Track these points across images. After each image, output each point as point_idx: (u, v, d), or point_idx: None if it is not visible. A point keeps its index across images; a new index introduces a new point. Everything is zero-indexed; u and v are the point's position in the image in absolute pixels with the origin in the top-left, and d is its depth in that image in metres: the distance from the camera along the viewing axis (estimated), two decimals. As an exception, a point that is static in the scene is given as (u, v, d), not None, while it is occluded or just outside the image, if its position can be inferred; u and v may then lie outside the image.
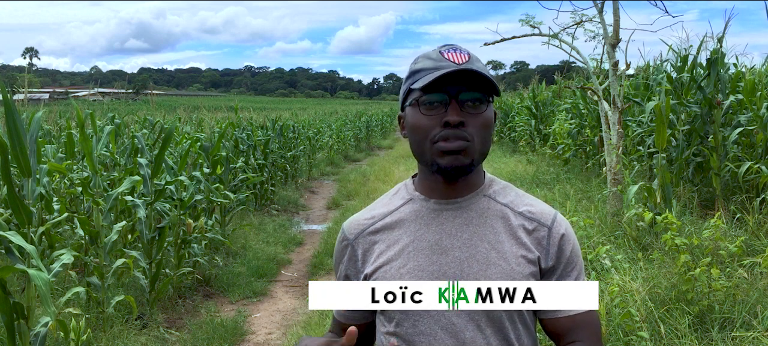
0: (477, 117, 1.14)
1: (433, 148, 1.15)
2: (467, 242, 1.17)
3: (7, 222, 4.05)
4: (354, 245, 1.25)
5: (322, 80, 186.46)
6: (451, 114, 1.12)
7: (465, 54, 1.17)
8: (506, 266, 1.16)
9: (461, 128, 1.13)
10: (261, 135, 9.95)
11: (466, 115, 1.14)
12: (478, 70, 1.12)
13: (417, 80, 1.16)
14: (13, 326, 2.93)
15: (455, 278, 1.15)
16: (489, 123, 1.16)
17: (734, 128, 6.11)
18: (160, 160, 4.80)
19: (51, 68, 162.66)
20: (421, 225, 1.20)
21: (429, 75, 1.14)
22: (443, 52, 1.17)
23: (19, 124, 3.02)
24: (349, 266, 1.26)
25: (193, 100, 33.29)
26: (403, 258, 1.18)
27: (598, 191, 7.21)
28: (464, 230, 1.18)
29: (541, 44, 7.22)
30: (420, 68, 1.18)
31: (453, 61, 1.15)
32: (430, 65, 1.16)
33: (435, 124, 1.14)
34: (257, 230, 7.64)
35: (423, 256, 1.17)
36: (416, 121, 1.17)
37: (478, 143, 1.15)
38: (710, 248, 3.98)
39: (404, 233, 1.21)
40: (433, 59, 1.17)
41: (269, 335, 4.65)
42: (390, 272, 1.18)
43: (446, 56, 1.16)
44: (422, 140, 1.16)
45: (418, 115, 1.16)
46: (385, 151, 21.71)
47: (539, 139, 13.64)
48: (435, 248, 1.17)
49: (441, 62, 1.15)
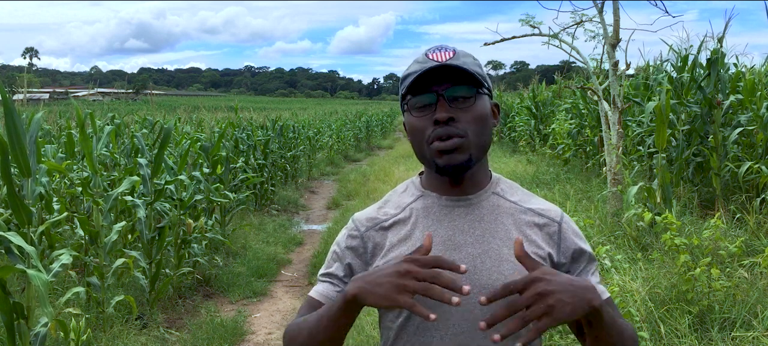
0: (467, 111, 1.15)
1: (429, 148, 1.16)
2: (480, 238, 1.18)
3: (7, 222, 4.04)
4: (364, 238, 1.25)
5: (322, 80, 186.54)
6: (439, 111, 1.14)
7: (449, 51, 1.18)
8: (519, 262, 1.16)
9: (452, 124, 1.14)
10: (261, 135, 9.95)
11: (456, 111, 1.14)
12: (458, 64, 1.14)
13: (405, 85, 1.19)
14: (13, 326, 2.93)
15: (469, 273, 1.15)
16: (482, 115, 1.17)
17: (734, 128, 6.11)
18: (159, 160, 4.80)
19: (51, 68, 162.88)
20: (434, 221, 1.21)
21: (413, 76, 1.17)
22: (428, 54, 1.19)
23: (18, 124, 3.02)
24: (355, 257, 1.25)
25: (193, 100, 33.29)
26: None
27: (598, 190, 7.20)
28: (476, 227, 1.19)
29: (541, 44, 7.22)
30: (408, 73, 1.20)
31: (437, 59, 1.17)
32: (417, 68, 1.18)
33: (427, 125, 1.16)
34: (257, 230, 7.64)
35: (436, 252, 1.17)
36: (411, 124, 1.19)
37: (473, 137, 1.15)
38: (710, 248, 3.97)
39: (416, 228, 1.21)
40: (419, 62, 1.19)
41: (269, 335, 4.65)
42: None
43: (431, 56, 1.18)
44: (420, 142, 1.18)
45: (412, 118, 1.18)
46: (385, 151, 21.70)
47: (539, 139, 13.64)
48: (448, 244, 1.18)
49: (426, 63, 1.17)
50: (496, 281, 1.16)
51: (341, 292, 1.11)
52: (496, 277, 1.16)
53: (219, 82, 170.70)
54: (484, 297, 0.99)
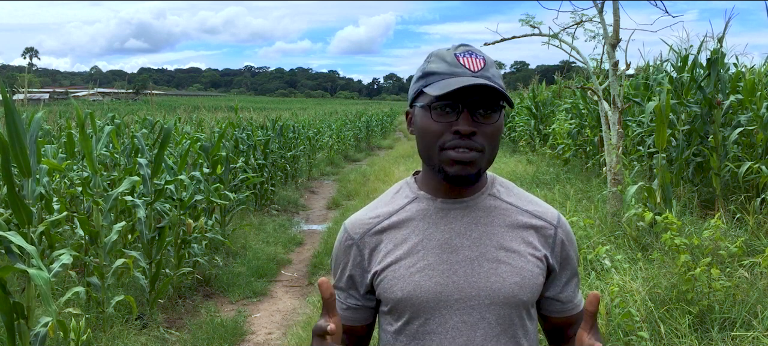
0: (488, 126, 1.11)
1: (441, 154, 1.12)
2: (477, 240, 1.17)
3: (7, 222, 4.04)
4: (359, 245, 1.22)
5: (322, 80, 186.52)
6: (463, 123, 1.09)
7: (481, 59, 1.14)
8: (516, 264, 1.16)
9: (473, 138, 1.10)
10: (261, 135, 9.95)
11: (477, 125, 1.10)
12: (494, 84, 1.09)
13: (430, 83, 1.13)
14: (13, 326, 2.93)
15: (466, 276, 1.15)
16: (499, 132, 1.14)
17: (734, 128, 6.11)
18: (159, 160, 4.80)
19: (51, 68, 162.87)
20: (430, 224, 1.19)
21: (443, 81, 1.11)
22: (459, 56, 1.13)
23: (19, 124, 3.02)
24: (354, 267, 1.23)
25: (193, 100, 33.29)
26: (412, 257, 1.17)
27: (598, 190, 7.20)
28: (473, 229, 1.18)
29: (541, 44, 7.22)
30: (433, 70, 1.14)
31: (468, 67, 1.12)
32: (445, 69, 1.13)
33: (445, 130, 1.11)
34: (257, 230, 7.64)
35: (433, 255, 1.16)
36: (426, 125, 1.13)
37: (488, 152, 1.13)
38: (710, 248, 3.98)
39: (412, 231, 1.19)
40: (448, 63, 1.13)
41: (269, 335, 4.65)
42: (399, 271, 1.17)
43: (462, 61, 1.13)
44: (431, 145, 1.13)
45: (428, 119, 1.13)
46: (385, 151, 21.70)
47: (539, 139, 13.64)
48: (445, 247, 1.17)
49: (456, 68, 1.12)
50: (493, 283, 1.15)
51: None
52: (494, 280, 1.15)
53: (219, 82, 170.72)
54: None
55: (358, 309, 1.26)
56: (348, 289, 1.25)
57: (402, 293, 1.16)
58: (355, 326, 1.27)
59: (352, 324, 1.27)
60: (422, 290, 1.15)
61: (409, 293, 1.15)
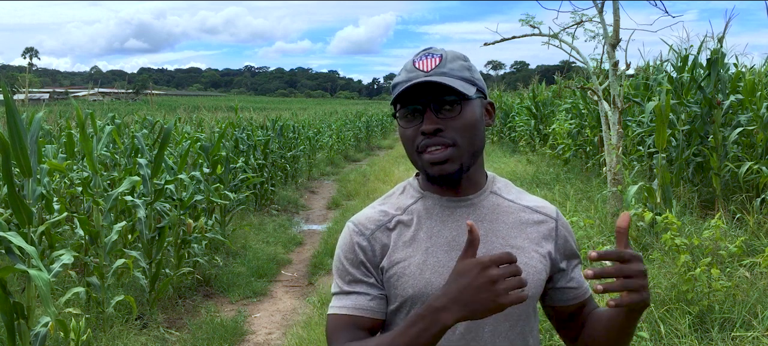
0: (455, 120, 1.14)
1: (420, 158, 1.17)
2: (483, 238, 1.19)
3: (8, 222, 4.05)
4: (371, 240, 1.22)
5: (322, 80, 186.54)
6: (426, 123, 1.14)
7: (436, 58, 1.17)
8: (522, 261, 1.19)
9: (440, 135, 1.14)
10: (261, 135, 9.95)
11: (444, 120, 1.14)
12: (438, 79, 1.12)
13: (394, 94, 1.19)
14: (13, 326, 2.93)
15: None
16: (470, 122, 1.15)
17: (734, 128, 6.11)
18: (159, 160, 4.80)
19: (51, 68, 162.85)
20: (437, 222, 1.21)
21: (398, 88, 1.16)
22: (415, 61, 1.18)
23: (19, 124, 3.02)
24: (366, 260, 1.21)
25: (193, 100, 33.27)
26: (421, 255, 1.18)
27: (598, 190, 7.20)
28: (479, 227, 1.20)
29: (541, 44, 7.23)
30: (397, 81, 1.19)
31: (421, 69, 1.16)
32: (403, 77, 1.17)
33: (416, 134, 1.16)
34: (257, 230, 7.64)
35: (442, 252, 1.18)
36: (401, 133, 1.19)
37: (464, 145, 1.15)
38: (710, 248, 3.98)
39: (420, 229, 1.21)
40: (406, 70, 1.18)
41: (269, 335, 4.65)
42: (410, 269, 1.18)
43: (417, 65, 1.17)
44: (410, 150, 1.19)
45: (401, 127, 1.19)
46: (385, 151, 21.70)
47: (539, 139, 13.63)
48: (452, 245, 1.19)
49: (411, 73, 1.16)
50: None
51: (431, 319, 1.01)
52: None
53: (219, 82, 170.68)
54: (594, 252, 1.03)
55: (383, 299, 1.21)
56: (367, 278, 1.20)
57: (413, 290, 1.17)
58: (376, 320, 1.20)
59: (375, 316, 1.20)
60: (433, 288, 1.16)
61: (421, 291, 1.17)
